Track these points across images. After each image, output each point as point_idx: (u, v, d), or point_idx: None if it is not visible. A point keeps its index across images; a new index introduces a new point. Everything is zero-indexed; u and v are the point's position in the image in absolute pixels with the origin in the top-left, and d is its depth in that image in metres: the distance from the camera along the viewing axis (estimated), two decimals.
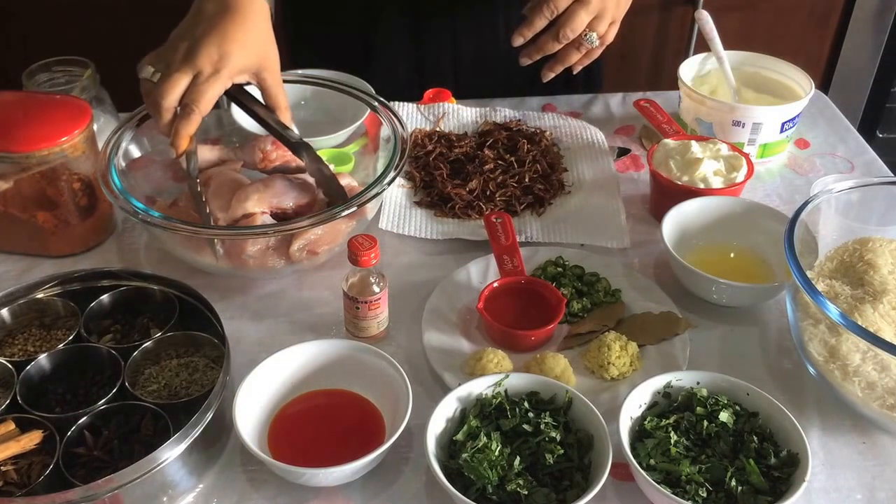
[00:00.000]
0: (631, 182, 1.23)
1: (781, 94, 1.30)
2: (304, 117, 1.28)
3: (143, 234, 1.12)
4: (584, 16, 1.05)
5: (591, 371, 0.94)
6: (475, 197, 1.14)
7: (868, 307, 0.89)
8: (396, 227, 1.11)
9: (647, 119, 1.27)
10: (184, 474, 0.81)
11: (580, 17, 1.05)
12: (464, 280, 1.03)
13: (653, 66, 2.29)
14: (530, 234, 1.11)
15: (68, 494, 0.74)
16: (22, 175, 1.02)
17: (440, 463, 0.78)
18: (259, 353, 0.90)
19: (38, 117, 1.02)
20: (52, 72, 1.17)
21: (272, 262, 0.99)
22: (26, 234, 1.06)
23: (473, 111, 1.33)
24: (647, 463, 0.80)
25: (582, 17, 1.05)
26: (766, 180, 1.25)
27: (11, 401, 0.84)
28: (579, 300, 1.01)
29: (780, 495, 0.77)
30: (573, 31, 1.06)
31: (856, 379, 0.85)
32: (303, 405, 0.88)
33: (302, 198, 1.04)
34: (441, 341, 0.95)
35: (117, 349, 0.89)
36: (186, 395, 0.87)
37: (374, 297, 0.93)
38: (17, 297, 0.94)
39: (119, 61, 1.27)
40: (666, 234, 1.03)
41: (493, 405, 0.83)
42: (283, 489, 0.82)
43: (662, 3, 2.19)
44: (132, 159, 1.08)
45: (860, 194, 1.00)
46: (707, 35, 1.33)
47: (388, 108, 1.13)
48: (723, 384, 0.86)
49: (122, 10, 2.05)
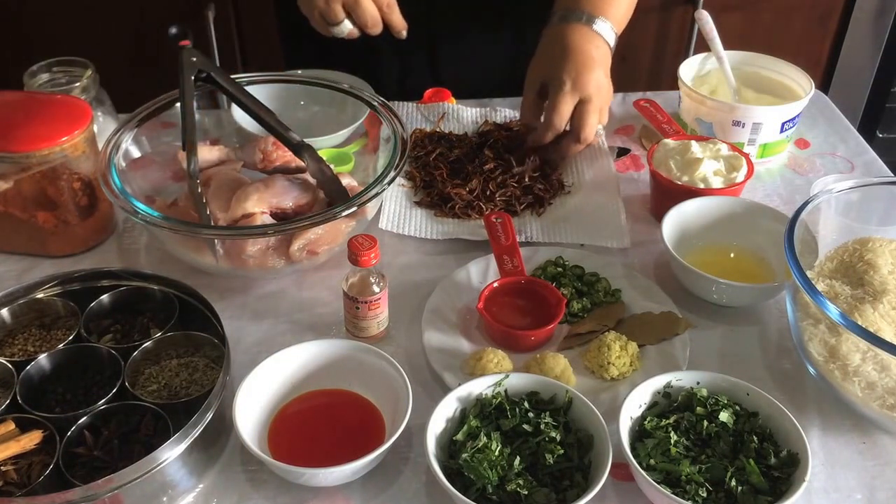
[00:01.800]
0: (631, 182, 1.23)
1: (781, 94, 1.30)
2: (304, 117, 1.28)
3: (143, 234, 1.12)
4: (594, 118, 1.14)
5: (591, 371, 0.94)
6: (475, 197, 1.14)
7: (868, 307, 0.89)
8: (396, 227, 1.11)
9: (647, 119, 1.27)
10: (184, 474, 0.81)
11: (590, 124, 1.14)
12: (464, 280, 1.03)
13: (653, 66, 2.29)
14: (530, 234, 1.11)
15: (68, 494, 0.74)
16: (22, 175, 1.02)
17: (440, 463, 0.78)
18: (259, 353, 0.90)
19: (38, 117, 1.02)
20: (52, 72, 1.17)
21: (272, 262, 0.99)
22: (26, 234, 1.06)
23: (473, 111, 1.33)
24: (647, 463, 0.80)
25: (592, 121, 1.14)
26: (766, 180, 1.25)
27: (11, 401, 0.84)
28: (579, 300, 1.01)
29: (780, 495, 0.77)
30: (587, 138, 1.15)
31: (856, 379, 0.85)
32: (303, 405, 0.88)
33: (302, 198, 1.04)
34: (441, 341, 0.95)
35: (117, 349, 0.89)
36: (186, 395, 0.87)
37: (374, 297, 0.93)
38: (17, 297, 0.94)
39: (119, 61, 1.28)
40: (666, 234, 1.03)
41: (493, 405, 0.83)
42: (283, 489, 0.82)
43: (662, 3, 2.19)
44: (132, 159, 1.08)
45: (860, 194, 1.00)
46: (707, 35, 1.33)
47: (388, 108, 1.13)
48: (723, 384, 0.86)
49: (122, 10, 2.05)
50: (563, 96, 1.11)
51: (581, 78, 1.10)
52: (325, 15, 1.10)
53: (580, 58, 1.11)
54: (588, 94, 1.11)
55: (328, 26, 1.12)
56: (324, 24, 1.12)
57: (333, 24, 1.11)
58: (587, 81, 1.11)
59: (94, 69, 1.18)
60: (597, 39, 1.14)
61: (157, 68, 1.45)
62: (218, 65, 1.04)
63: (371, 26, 1.11)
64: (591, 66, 1.11)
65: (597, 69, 1.12)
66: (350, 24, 1.11)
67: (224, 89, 1.04)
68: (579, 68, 1.11)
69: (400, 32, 1.14)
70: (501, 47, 1.42)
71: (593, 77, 1.11)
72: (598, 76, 1.12)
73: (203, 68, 1.02)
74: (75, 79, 1.16)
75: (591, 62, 1.11)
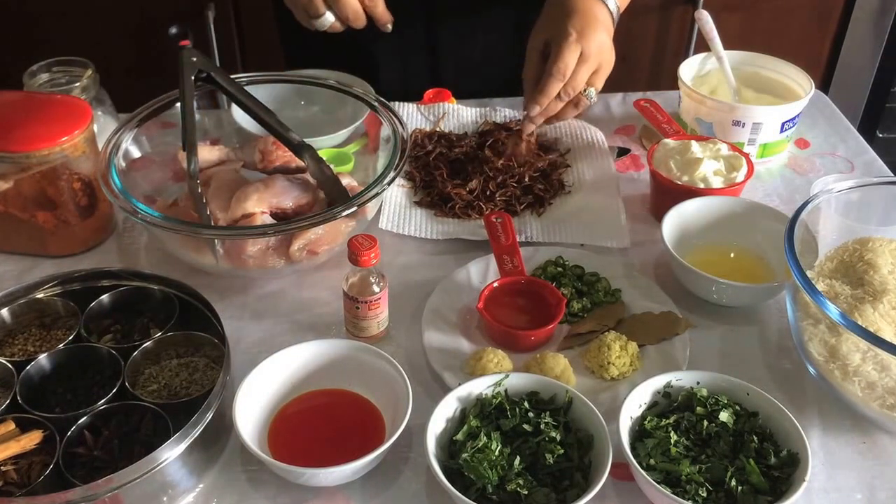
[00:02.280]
0: (631, 182, 1.23)
1: (781, 94, 1.30)
2: (304, 117, 1.28)
3: (143, 234, 1.12)
4: (585, 73, 1.11)
5: (591, 371, 0.94)
6: (475, 197, 1.14)
7: (868, 307, 0.89)
8: (396, 227, 1.11)
9: (647, 119, 1.27)
10: (184, 474, 0.81)
11: (580, 75, 1.11)
12: (464, 280, 1.03)
13: (653, 66, 2.29)
14: (530, 235, 1.11)
15: (68, 494, 0.74)
16: (22, 175, 1.02)
17: (440, 463, 0.78)
18: (259, 353, 0.90)
19: (38, 117, 1.02)
20: (52, 72, 1.17)
21: (272, 262, 0.99)
22: (26, 234, 1.06)
23: (473, 111, 1.33)
24: (647, 463, 0.80)
25: (582, 75, 1.11)
26: (766, 180, 1.25)
27: (11, 401, 0.84)
28: (579, 300, 1.01)
29: (780, 495, 0.77)
30: (574, 88, 1.12)
31: (856, 379, 0.85)
32: (303, 405, 0.88)
33: (302, 198, 1.04)
34: (441, 341, 0.95)
35: (117, 349, 0.89)
36: (186, 395, 0.87)
37: (374, 297, 0.93)
38: (17, 297, 0.94)
39: (119, 61, 1.28)
40: (666, 234, 1.03)
41: (493, 405, 0.83)
42: (283, 489, 0.82)
43: (662, 3, 2.19)
44: (132, 159, 1.08)
45: (860, 194, 1.00)
46: (707, 35, 1.33)
47: (388, 108, 1.13)
48: (723, 384, 0.86)
49: (122, 9, 2.05)
50: (567, 45, 1.09)
51: (586, 32, 1.09)
52: (307, 8, 1.10)
53: (585, 17, 1.10)
54: (589, 51, 1.10)
55: (311, 19, 1.12)
56: (307, 17, 1.12)
57: (315, 17, 1.11)
58: (590, 38, 1.09)
59: (94, 69, 1.18)
60: (600, 5, 1.13)
61: (158, 68, 1.45)
62: (218, 65, 1.04)
63: (353, 20, 1.11)
64: (595, 26, 1.10)
65: (601, 30, 1.11)
66: (332, 17, 1.11)
67: (224, 89, 1.04)
68: (584, 24, 1.10)
69: (385, 25, 1.13)
70: (502, 48, 1.42)
71: (596, 36, 1.10)
72: (602, 36, 1.11)
73: (203, 68, 1.02)
74: (75, 79, 1.16)
75: (596, 22, 1.11)
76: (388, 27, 1.13)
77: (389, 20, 1.13)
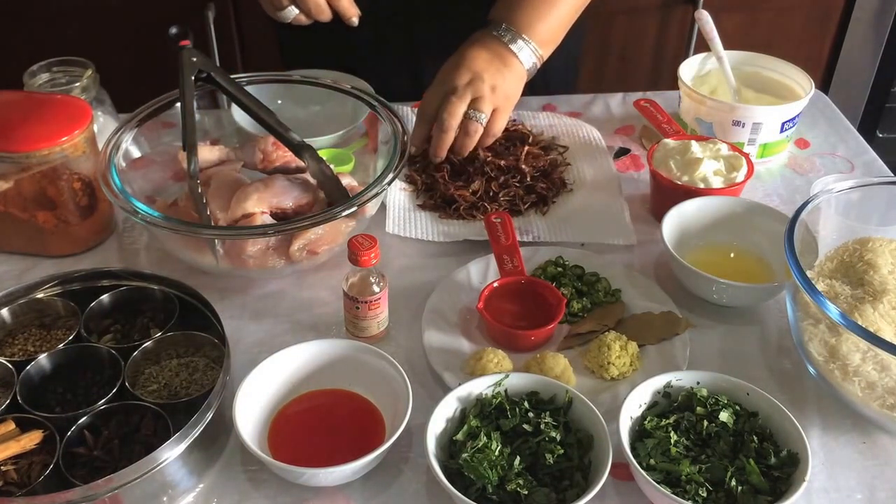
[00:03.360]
0: (631, 182, 1.23)
1: (781, 94, 1.30)
2: (304, 117, 1.28)
3: (143, 234, 1.12)
4: (457, 102, 1.08)
5: (591, 371, 0.94)
6: (479, 198, 1.14)
7: (868, 307, 0.89)
8: (403, 231, 1.11)
9: (647, 119, 1.27)
10: (184, 474, 0.81)
11: (452, 104, 1.08)
12: (464, 280, 1.03)
13: (653, 66, 2.29)
14: (537, 234, 1.11)
15: (68, 494, 0.74)
16: (22, 175, 1.02)
17: (440, 463, 0.78)
18: (259, 353, 0.90)
19: (38, 117, 1.02)
20: (52, 72, 1.17)
21: (272, 262, 0.99)
22: (26, 234, 1.06)
23: None
24: (647, 463, 0.80)
25: (454, 103, 1.08)
26: (766, 180, 1.25)
27: (11, 401, 0.84)
28: (579, 300, 1.01)
29: (780, 495, 0.77)
30: (449, 114, 1.09)
31: (856, 379, 0.85)
32: (303, 405, 0.88)
33: (302, 198, 1.04)
34: (441, 341, 0.95)
35: (117, 349, 0.89)
36: (186, 395, 0.87)
37: (374, 297, 0.93)
38: (17, 297, 0.94)
39: (119, 61, 1.28)
40: (666, 234, 1.03)
41: (493, 405, 0.83)
42: (283, 489, 0.82)
43: (662, 3, 2.19)
44: (132, 159, 1.08)
45: (860, 194, 1.00)
46: (707, 35, 1.33)
47: (388, 108, 1.13)
48: (723, 384, 0.86)
49: (122, 9, 2.05)
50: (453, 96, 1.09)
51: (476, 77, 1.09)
52: (272, 0, 1.10)
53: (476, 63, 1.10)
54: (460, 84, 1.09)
55: (275, 11, 1.11)
56: (272, 8, 1.11)
57: (279, 8, 1.10)
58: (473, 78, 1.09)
59: (94, 69, 1.18)
60: (510, 58, 1.12)
61: (158, 68, 1.45)
62: (218, 65, 1.04)
63: (315, 14, 1.10)
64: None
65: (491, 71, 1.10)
66: (295, 10, 1.11)
67: (224, 89, 1.04)
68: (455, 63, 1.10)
69: (350, 20, 1.12)
70: None
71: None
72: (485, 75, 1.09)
73: (203, 68, 1.02)
74: (75, 79, 1.16)
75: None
76: (353, 21, 1.12)
77: (355, 14, 1.12)
